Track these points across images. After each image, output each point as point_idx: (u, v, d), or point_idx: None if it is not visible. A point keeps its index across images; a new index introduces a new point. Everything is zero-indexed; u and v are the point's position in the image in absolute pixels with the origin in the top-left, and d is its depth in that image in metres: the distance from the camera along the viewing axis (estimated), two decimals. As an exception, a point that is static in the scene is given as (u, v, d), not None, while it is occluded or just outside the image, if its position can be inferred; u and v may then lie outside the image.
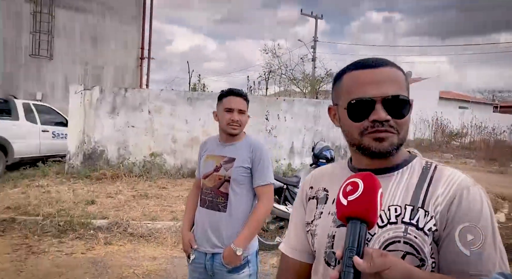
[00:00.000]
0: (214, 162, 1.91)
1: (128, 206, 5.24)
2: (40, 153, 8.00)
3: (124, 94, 6.85)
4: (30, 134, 7.77)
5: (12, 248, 3.88)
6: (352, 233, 0.71)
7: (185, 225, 2.02)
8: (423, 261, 0.78)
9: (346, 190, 0.74)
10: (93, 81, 13.72)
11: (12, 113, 7.53)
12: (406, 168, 0.86)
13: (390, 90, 0.82)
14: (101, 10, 13.94)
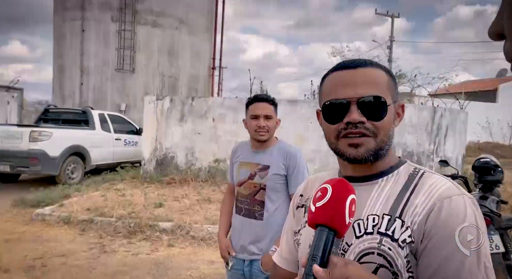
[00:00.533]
0: (248, 169, 1.89)
1: (192, 209, 5.45)
2: (113, 159, 8.54)
3: (191, 103, 7.20)
4: (105, 142, 8.29)
5: (88, 246, 4.28)
6: (317, 241, 0.68)
7: (221, 231, 2.05)
8: (396, 275, 0.73)
9: (316, 197, 0.72)
10: (169, 91, 14.69)
11: (90, 124, 8.10)
12: (392, 175, 0.82)
13: (366, 91, 0.78)
14: (175, 25, 14.89)
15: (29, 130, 6.79)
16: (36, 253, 3.99)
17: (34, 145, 6.73)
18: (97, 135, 8.13)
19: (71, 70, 14.50)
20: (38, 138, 6.76)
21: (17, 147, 6.73)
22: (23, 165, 6.77)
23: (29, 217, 5.31)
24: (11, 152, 6.70)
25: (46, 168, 6.87)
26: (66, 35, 14.64)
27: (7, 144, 6.78)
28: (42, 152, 6.73)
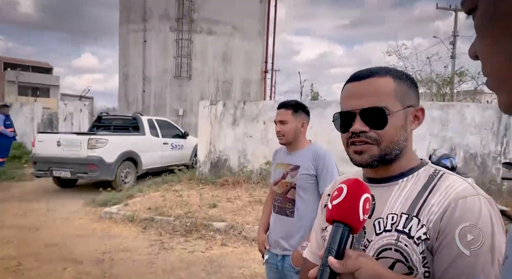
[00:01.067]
0: (282, 169, 2.03)
1: (244, 210, 5.62)
2: (162, 163, 8.77)
3: (243, 107, 7.43)
4: (154, 147, 8.51)
5: (149, 243, 4.61)
6: (333, 235, 0.75)
7: (260, 227, 2.21)
8: (411, 269, 0.79)
9: (333, 195, 0.79)
10: (223, 95, 15.16)
11: (140, 129, 8.35)
12: (412, 176, 0.87)
13: (368, 102, 0.85)
14: (229, 31, 15.34)
15: (87, 138, 7.03)
16: (104, 248, 4.39)
17: (92, 152, 6.98)
18: (147, 140, 8.36)
19: (135, 79, 15.56)
20: (95, 145, 7.00)
21: (77, 154, 6.98)
22: (83, 171, 7.00)
23: (98, 215, 5.81)
24: (71, 159, 6.96)
25: (103, 173, 7.08)
26: (130, 46, 15.75)
27: (67, 151, 7.03)
28: (99, 158, 6.96)
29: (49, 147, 7.11)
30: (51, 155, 7.07)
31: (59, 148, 7.04)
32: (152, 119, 9.00)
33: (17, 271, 3.68)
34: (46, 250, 4.28)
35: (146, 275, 3.65)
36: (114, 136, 7.59)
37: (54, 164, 7.05)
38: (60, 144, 7.05)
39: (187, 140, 9.78)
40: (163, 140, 8.81)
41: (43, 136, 7.50)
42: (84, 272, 3.67)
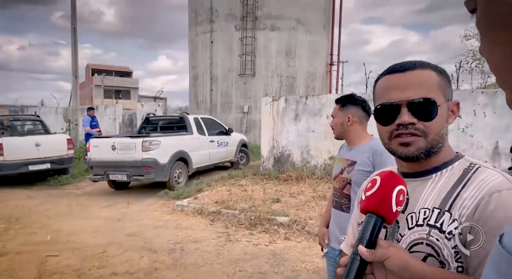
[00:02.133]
0: (340, 165, 2.02)
1: (307, 206, 5.62)
2: (210, 161, 8.74)
3: (305, 102, 7.38)
4: (202, 146, 8.44)
5: (216, 235, 4.84)
6: (365, 225, 0.77)
7: (321, 221, 2.24)
8: (443, 264, 0.78)
9: (367, 187, 0.81)
10: (287, 91, 15.18)
11: (188, 129, 8.28)
12: (446, 170, 0.86)
13: (415, 93, 0.83)
14: (292, 25, 15.28)
15: (141, 141, 6.94)
16: (176, 238, 4.71)
17: (146, 154, 6.91)
18: (195, 139, 8.30)
19: (203, 78, 16.28)
20: (149, 147, 6.92)
21: (132, 156, 6.93)
22: (138, 173, 6.96)
23: (171, 207, 6.23)
24: (126, 162, 6.94)
25: (158, 175, 7.03)
26: (198, 47, 16.49)
27: (122, 154, 7.00)
28: (153, 160, 6.92)
29: (104, 151, 7.14)
30: (107, 159, 7.10)
31: (114, 151, 7.05)
32: (198, 117, 8.94)
33: (101, 257, 4.12)
34: (126, 239, 4.72)
35: (213, 265, 3.85)
36: (166, 137, 7.56)
37: (110, 168, 7.09)
38: (115, 147, 7.04)
39: (231, 136, 9.74)
40: (209, 138, 8.77)
41: (97, 141, 7.46)
42: (158, 261, 3.98)
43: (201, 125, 8.62)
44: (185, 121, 8.46)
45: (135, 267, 3.81)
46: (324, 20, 16.48)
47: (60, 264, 3.92)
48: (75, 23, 11.79)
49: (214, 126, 9.29)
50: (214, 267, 3.81)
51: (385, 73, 0.90)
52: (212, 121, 9.48)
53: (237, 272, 3.67)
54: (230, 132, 9.72)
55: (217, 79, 15.80)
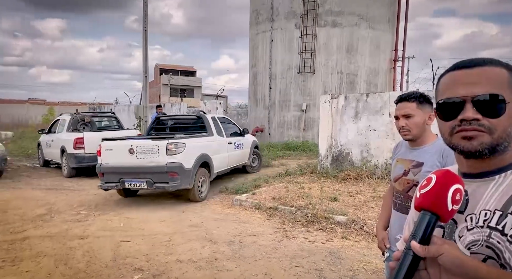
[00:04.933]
0: (403, 166, 1.93)
1: (366, 206, 5.50)
2: (228, 165, 7.84)
3: (365, 99, 7.20)
4: (222, 148, 7.57)
5: (273, 230, 4.95)
6: (419, 222, 0.77)
7: (379, 223, 2.15)
8: (504, 267, 0.76)
9: (422, 184, 0.81)
10: (347, 88, 14.84)
11: (207, 129, 7.47)
12: (511, 172, 0.83)
13: (482, 89, 0.81)
14: (355, 21, 14.89)
15: (165, 143, 6.05)
16: (235, 231, 4.90)
17: (171, 158, 6.01)
18: (215, 141, 7.41)
19: (262, 77, 16.52)
20: (175, 151, 6.04)
21: (155, 161, 6.04)
22: (162, 180, 6.04)
23: (230, 201, 6.47)
24: (148, 167, 6.04)
25: (184, 182, 6.12)
26: (258, 46, 16.76)
27: (142, 159, 6.08)
28: (179, 165, 6.02)
29: (119, 155, 6.21)
30: (123, 164, 6.18)
31: (132, 155, 6.12)
32: (215, 117, 8.12)
33: (167, 245, 4.44)
34: (189, 229, 5.02)
35: (270, 259, 3.96)
36: (191, 139, 6.61)
37: (127, 174, 6.16)
38: (134, 151, 6.11)
39: (245, 137, 8.89)
40: (227, 139, 7.91)
41: (111, 143, 6.45)
42: (218, 251, 4.19)
43: (219, 126, 7.84)
44: (204, 121, 7.63)
45: (197, 256, 4.06)
46: (389, 14, 15.82)
47: (132, 248, 4.30)
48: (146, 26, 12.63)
49: (230, 127, 8.49)
50: (271, 261, 3.92)
51: (451, 69, 0.87)
52: (228, 121, 8.73)
53: (294, 267, 3.75)
54: (245, 133, 8.92)
55: (276, 77, 15.93)
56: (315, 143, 13.99)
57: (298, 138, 15.17)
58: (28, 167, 11.40)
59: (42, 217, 5.73)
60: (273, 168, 10.10)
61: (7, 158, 9.67)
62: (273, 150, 13.21)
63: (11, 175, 9.89)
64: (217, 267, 3.75)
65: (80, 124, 10.23)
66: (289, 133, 15.63)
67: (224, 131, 7.87)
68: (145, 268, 3.73)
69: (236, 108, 28.90)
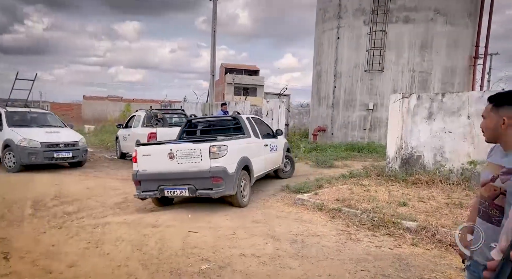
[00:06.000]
0: (491, 170, 1.76)
1: (439, 212, 5.15)
2: (265, 169, 7.41)
3: (441, 99, 6.71)
4: (259, 151, 7.14)
5: (337, 232, 4.84)
6: None
7: (463, 229, 1.99)
8: None
9: None
10: (419, 87, 13.99)
11: (244, 131, 7.00)
12: None
13: None
14: (430, 16, 13.99)
15: (208, 145, 5.61)
16: (297, 230, 4.88)
17: (215, 162, 5.58)
18: (253, 143, 6.96)
19: (327, 75, 16.22)
20: (218, 154, 5.62)
21: (197, 166, 5.60)
22: (205, 186, 5.61)
23: (292, 200, 6.46)
24: (189, 173, 5.61)
25: (228, 187, 5.70)
26: (324, 44, 16.49)
27: (183, 164, 5.64)
28: (223, 169, 5.61)
29: (158, 160, 5.76)
30: (162, 171, 5.71)
31: (172, 161, 5.67)
32: (249, 117, 7.62)
33: (232, 238, 4.57)
34: (252, 225, 5.12)
35: (334, 261, 3.89)
36: (232, 141, 6.14)
37: (166, 181, 5.72)
38: (174, 155, 5.66)
39: (278, 139, 8.30)
40: (263, 141, 7.40)
41: (148, 148, 6.03)
42: (281, 249, 4.21)
43: (254, 127, 7.35)
44: (240, 122, 7.18)
45: (260, 251, 4.12)
46: (471, 8, 14.59)
47: (199, 239, 4.50)
48: (215, 27, 13.09)
49: (263, 128, 7.91)
50: (334, 263, 3.85)
51: None
52: (261, 122, 8.16)
53: (359, 271, 3.64)
54: (279, 135, 8.36)
55: (341, 76, 15.55)
56: (381, 144, 13.41)
57: (363, 139, 14.67)
58: (107, 158, 12.46)
59: (120, 205, 6.23)
60: (336, 169, 9.89)
61: (87, 149, 10.67)
62: (336, 150, 12.93)
63: (93, 165, 10.90)
64: (280, 264, 3.78)
65: (153, 120, 10.94)
66: (354, 133, 15.17)
67: (259, 133, 7.39)
68: (211, 259, 3.88)
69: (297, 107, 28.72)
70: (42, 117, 11.09)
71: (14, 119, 10.24)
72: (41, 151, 9.40)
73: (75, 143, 10.08)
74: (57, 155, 9.65)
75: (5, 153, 9.45)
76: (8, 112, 10.33)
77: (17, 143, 9.32)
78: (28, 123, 10.36)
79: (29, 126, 10.21)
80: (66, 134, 10.38)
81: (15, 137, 9.45)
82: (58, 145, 9.71)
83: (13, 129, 9.78)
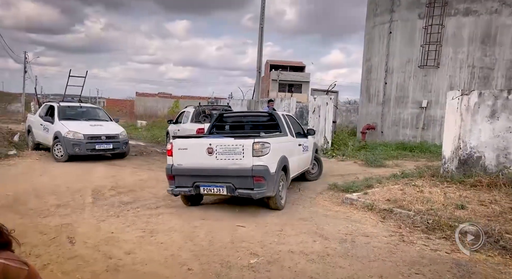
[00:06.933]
0: None
1: (503, 217, 4.80)
2: (298, 170, 7.00)
3: (506, 97, 6.21)
4: (295, 150, 6.76)
5: (388, 233, 4.68)
6: None
7: None
8: None
9: None
10: (479, 84, 13.11)
11: (281, 129, 6.63)
12: None
13: None
14: (494, 8, 13.03)
15: (251, 142, 5.23)
16: (347, 230, 4.79)
17: (258, 160, 5.22)
18: (290, 141, 6.60)
19: (377, 71, 15.68)
20: (261, 151, 5.24)
21: (238, 163, 5.24)
22: (246, 186, 5.26)
23: (340, 199, 6.33)
24: (230, 170, 5.26)
25: (269, 188, 5.32)
26: (375, 39, 15.94)
27: (223, 160, 5.29)
28: (266, 168, 5.23)
29: (196, 155, 5.43)
30: (200, 166, 5.40)
31: (211, 156, 5.33)
32: (284, 114, 7.22)
33: (279, 235, 4.57)
34: (299, 222, 5.09)
35: (385, 262, 3.77)
36: (273, 138, 5.73)
37: (203, 178, 5.41)
38: (213, 151, 5.32)
39: (308, 139, 7.79)
40: (297, 140, 7.00)
41: (186, 141, 5.74)
42: (330, 247, 4.15)
43: (290, 125, 6.93)
44: (276, 119, 6.78)
45: (309, 249, 4.09)
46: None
47: (247, 234, 4.56)
48: (262, 23, 13.13)
49: (296, 126, 7.39)
50: (386, 264, 3.73)
51: None
52: (294, 120, 7.64)
53: (413, 274, 3.50)
54: (310, 135, 7.84)
55: (392, 72, 14.95)
56: (436, 143, 12.75)
57: (415, 138, 14.03)
58: (158, 152, 12.99)
59: (171, 197, 6.47)
60: (386, 168, 9.56)
61: (127, 141, 11.17)
62: (386, 149, 12.48)
63: (146, 158, 11.42)
64: (329, 263, 3.72)
65: (201, 116, 11.23)
66: (405, 132, 14.55)
67: (293, 131, 6.98)
68: (260, 254, 3.91)
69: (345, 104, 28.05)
70: (91, 111, 11.85)
71: (65, 113, 11.03)
72: (83, 142, 10.05)
73: (116, 135, 10.64)
74: (99, 146, 10.25)
75: (55, 144, 10.20)
76: (60, 107, 11.14)
77: (64, 134, 10.03)
78: (76, 117, 11.13)
79: (77, 119, 10.96)
80: (108, 127, 10.98)
81: (63, 129, 10.17)
82: (99, 137, 10.32)
83: (63, 122, 10.54)
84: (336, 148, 12.77)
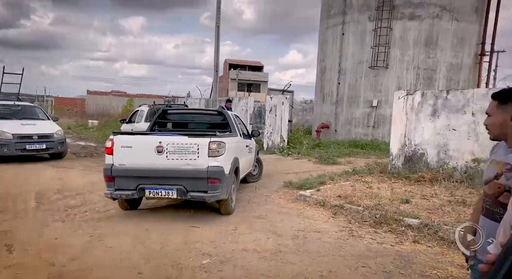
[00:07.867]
0: (495, 168, 1.75)
1: (442, 210, 5.14)
2: (243, 172, 6.61)
3: (445, 97, 6.66)
4: (244, 151, 6.58)
5: (338, 228, 4.84)
6: None
7: (466, 228, 1.98)
8: None
9: None
10: (424, 84, 13.92)
11: (231, 129, 6.44)
12: None
13: None
14: (436, 13, 13.88)
15: (207, 141, 4.84)
16: (299, 226, 4.89)
17: (214, 160, 4.85)
18: (240, 143, 6.27)
19: (331, 72, 16.16)
20: (217, 151, 4.88)
21: (191, 164, 4.82)
22: (200, 188, 4.85)
23: (294, 196, 6.46)
24: (181, 171, 4.81)
25: (223, 191, 4.96)
26: (328, 40, 16.40)
27: (175, 160, 4.84)
28: (221, 170, 4.88)
29: (142, 154, 4.90)
30: (146, 167, 4.85)
31: (161, 155, 4.84)
32: (233, 114, 6.96)
33: (233, 234, 4.57)
34: (254, 220, 5.12)
35: (335, 257, 3.89)
36: (228, 138, 5.38)
37: (150, 180, 4.87)
38: (163, 149, 4.84)
39: (252, 140, 7.49)
40: (245, 141, 6.70)
41: (130, 138, 5.10)
42: (282, 244, 4.22)
43: (238, 125, 6.62)
44: (226, 118, 6.44)
45: (262, 246, 4.13)
46: (477, 3, 14.45)
47: (200, 234, 4.51)
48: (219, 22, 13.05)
49: (242, 127, 7.10)
50: (336, 259, 3.85)
51: None
52: (241, 121, 7.33)
53: (360, 267, 3.64)
54: (255, 136, 7.54)
55: (345, 72, 15.49)
56: (385, 141, 13.37)
57: (366, 136, 14.63)
58: (111, 153, 12.47)
59: (122, 199, 6.24)
60: (339, 166, 9.87)
61: (64, 141, 10.65)
62: (339, 147, 12.90)
63: (97, 160, 10.94)
64: (281, 260, 3.78)
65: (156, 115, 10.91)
66: (357, 130, 15.13)
67: (241, 132, 6.66)
68: (212, 254, 3.89)
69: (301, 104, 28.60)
70: (26, 109, 11.17)
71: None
72: (12, 142, 9.52)
73: (50, 135, 10.14)
74: (30, 146, 9.73)
75: None
76: None
77: None
78: (9, 116, 10.49)
79: (8, 118, 10.34)
80: (42, 126, 10.43)
81: None
82: (31, 137, 9.80)
83: None
84: (292, 146, 13.01)
